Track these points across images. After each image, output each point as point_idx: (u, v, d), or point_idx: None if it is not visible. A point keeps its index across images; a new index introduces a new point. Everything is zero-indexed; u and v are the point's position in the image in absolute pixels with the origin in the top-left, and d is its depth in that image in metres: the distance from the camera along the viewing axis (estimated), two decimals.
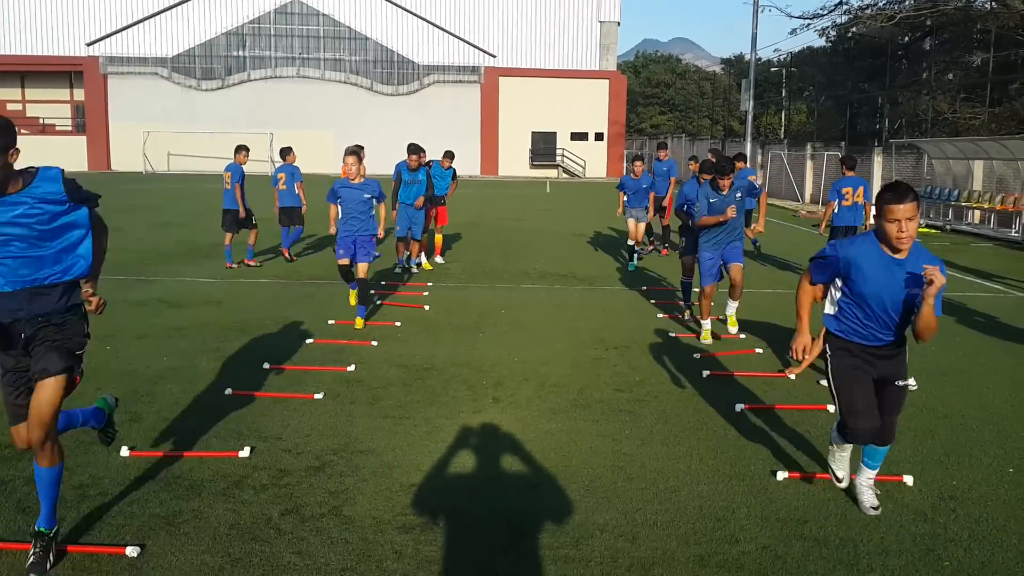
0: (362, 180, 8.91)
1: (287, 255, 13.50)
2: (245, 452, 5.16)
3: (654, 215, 14.23)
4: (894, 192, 4.03)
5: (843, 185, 11.74)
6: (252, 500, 4.54)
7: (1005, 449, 5.52)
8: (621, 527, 4.32)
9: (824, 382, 7.31)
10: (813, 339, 4.51)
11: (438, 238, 13.83)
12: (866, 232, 4.33)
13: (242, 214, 12.58)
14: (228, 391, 6.40)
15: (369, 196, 8.88)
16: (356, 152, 8.86)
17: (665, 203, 15.01)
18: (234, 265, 12.72)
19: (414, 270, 12.55)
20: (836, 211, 11.63)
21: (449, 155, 13.67)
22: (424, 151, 12.56)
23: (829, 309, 4.44)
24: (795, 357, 4.47)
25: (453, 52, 49.46)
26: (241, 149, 12.80)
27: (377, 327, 8.84)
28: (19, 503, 4.46)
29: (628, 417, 6.05)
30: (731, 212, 8.16)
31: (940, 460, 5.30)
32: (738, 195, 8.43)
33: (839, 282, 4.33)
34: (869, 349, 4.31)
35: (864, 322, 4.27)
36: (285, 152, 13.35)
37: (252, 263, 12.92)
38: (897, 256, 4.13)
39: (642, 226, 13.49)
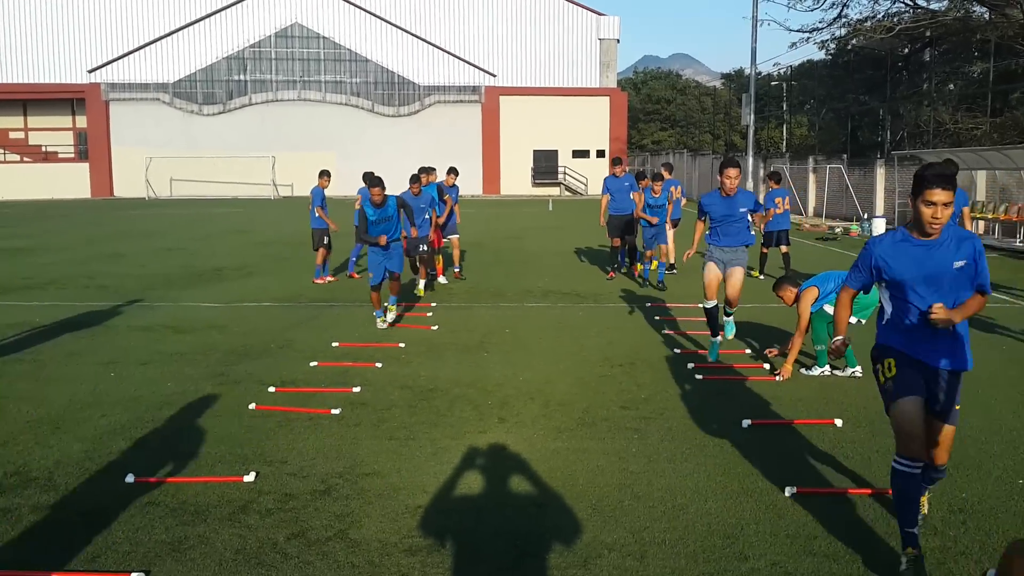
0: None
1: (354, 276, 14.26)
2: (250, 477, 5.14)
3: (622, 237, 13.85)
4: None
5: (776, 195, 14.23)
6: (258, 525, 4.52)
7: (1014, 460, 5.48)
8: (629, 546, 4.28)
9: (804, 370, 7.76)
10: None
11: (438, 258, 13.78)
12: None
13: (334, 228, 13.79)
14: (252, 406, 6.61)
15: None
16: None
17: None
18: (322, 280, 13.75)
19: (384, 323, 9.99)
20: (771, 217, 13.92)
21: (419, 175, 12.64)
22: (434, 170, 13.40)
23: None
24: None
25: (453, 72, 49.77)
26: (324, 174, 13.89)
27: (381, 348, 8.83)
28: (25, 531, 4.44)
29: (634, 435, 6.03)
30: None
31: (949, 473, 5.25)
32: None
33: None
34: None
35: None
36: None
37: (319, 281, 13.77)
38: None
39: (739, 277, 8.02)
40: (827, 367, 7.70)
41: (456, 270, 14.33)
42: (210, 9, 48.14)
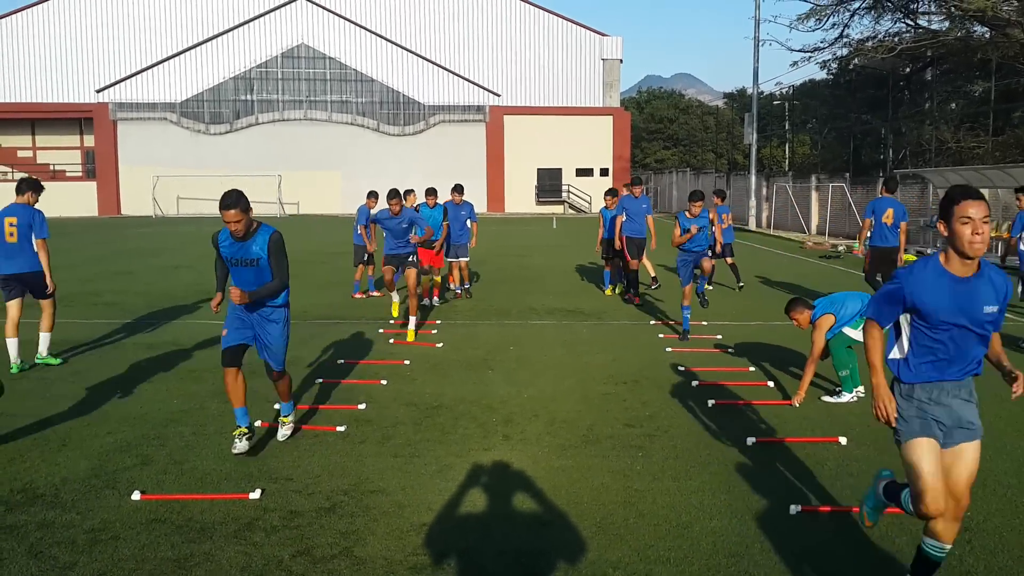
0: None
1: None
2: (256, 494, 5.16)
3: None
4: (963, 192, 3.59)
5: (721, 211, 15.14)
6: (263, 542, 4.53)
7: (1019, 479, 5.47)
8: (634, 565, 4.29)
9: (826, 398, 7.47)
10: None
11: (436, 279, 13.29)
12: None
13: (370, 249, 13.81)
14: (258, 423, 6.54)
15: None
16: None
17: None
18: (360, 296, 14.10)
19: (244, 438, 5.85)
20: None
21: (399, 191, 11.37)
22: (413, 192, 13.06)
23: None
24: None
25: (458, 92, 50.04)
26: (371, 195, 14.10)
27: (386, 365, 8.85)
28: (31, 548, 4.46)
29: (639, 453, 6.03)
30: None
31: None
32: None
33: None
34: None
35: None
36: (429, 192, 13.39)
37: (375, 294, 14.27)
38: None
39: (973, 461, 3.75)
40: (860, 388, 7.40)
41: (458, 290, 14.18)
42: (217, 30, 48.55)
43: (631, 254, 13.33)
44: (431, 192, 13.09)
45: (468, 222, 13.80)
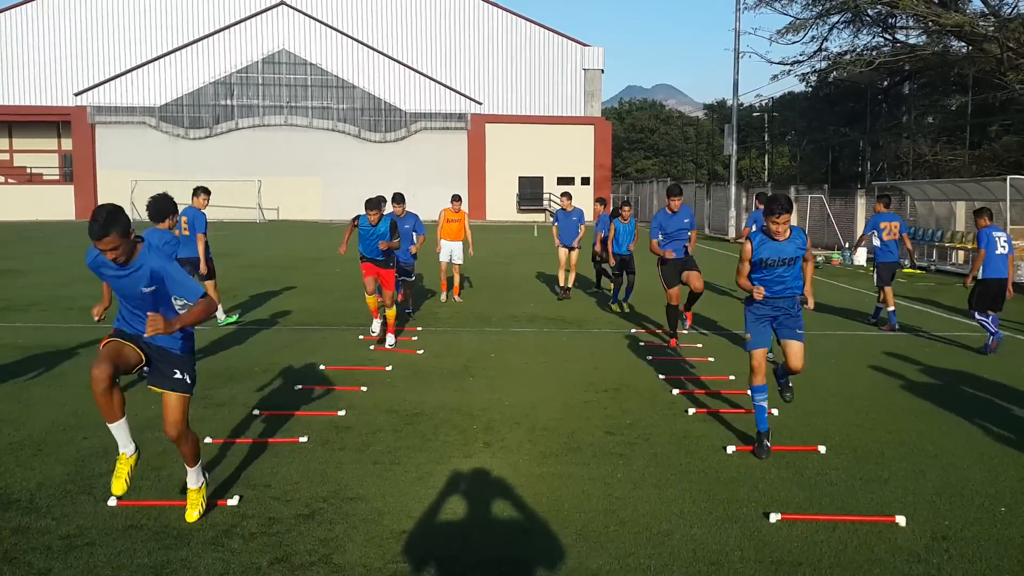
0: None
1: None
2: (234, 500, 5.11)
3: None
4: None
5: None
6: (241, 549, 4.49)
7: (996, 488, 5.52)
8: (614, 572, 4.28)
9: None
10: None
11: (390, 313, 10.50)
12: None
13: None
14: (208, 439, 6.36)
15: None
16: None
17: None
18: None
19: None
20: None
21: (374, 203, 10.32)
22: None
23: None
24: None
25: (440, 100, 50.09)
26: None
27: (367, 372, 8.81)
28: (6, 554, 4.39)
29: (619, 460, 6.03)
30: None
31: (932, 500, 5.30)
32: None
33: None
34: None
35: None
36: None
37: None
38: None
39: None
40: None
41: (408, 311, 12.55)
42: (198, 34, 48.32)
43: (670, 282, 10.63)
44: (374, 205, 10.39)
45: (414, 236, 12.44)
